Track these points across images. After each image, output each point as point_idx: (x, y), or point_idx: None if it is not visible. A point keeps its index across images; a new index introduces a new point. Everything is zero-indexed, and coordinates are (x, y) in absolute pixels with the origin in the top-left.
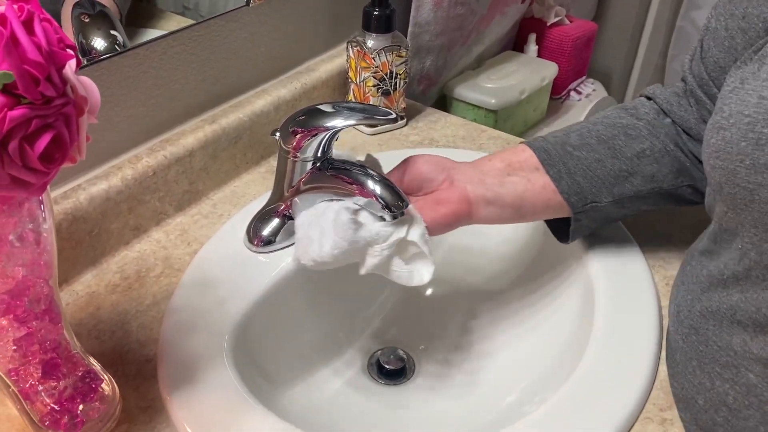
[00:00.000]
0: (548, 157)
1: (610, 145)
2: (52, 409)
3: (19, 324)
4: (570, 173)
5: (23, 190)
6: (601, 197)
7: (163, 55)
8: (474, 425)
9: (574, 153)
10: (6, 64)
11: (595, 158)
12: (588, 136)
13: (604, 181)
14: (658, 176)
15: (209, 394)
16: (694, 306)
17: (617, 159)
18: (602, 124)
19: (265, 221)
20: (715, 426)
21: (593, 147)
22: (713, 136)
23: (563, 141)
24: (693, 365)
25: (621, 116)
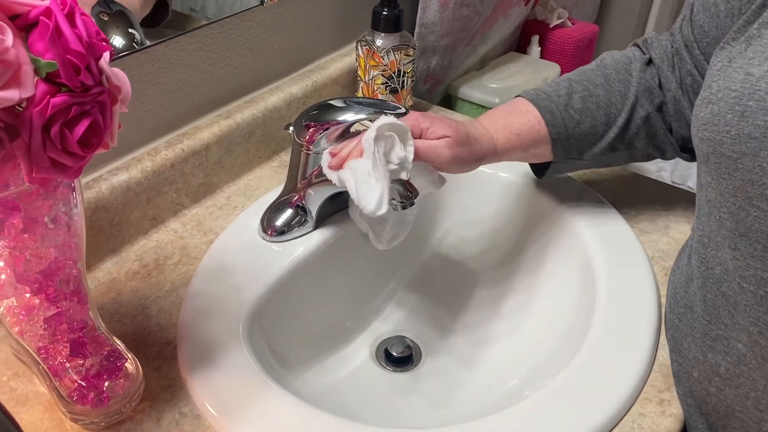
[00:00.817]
0: (552, 118)
1: (606, 112)
2: (80, 385)
3: (50, 303)
4: (568, 136)
5: (61, 172)
6: (583, 155)
7: (180, 52)
8: (479, 409)
9: (574, 116)
10: (50, 53)
11: (591, 124)
12: (589, 99)
13: (592, 144)
14: (637, 145)
15: (227, 374)
16: (689, 287)
17: (609, 128)
18: (603, 88)
19: (278, 212)
20: (708, 396)
21: (591, 112)
22: (702, 111)
23: (566, 102)
24: (688, 341)
25: (620, 76)
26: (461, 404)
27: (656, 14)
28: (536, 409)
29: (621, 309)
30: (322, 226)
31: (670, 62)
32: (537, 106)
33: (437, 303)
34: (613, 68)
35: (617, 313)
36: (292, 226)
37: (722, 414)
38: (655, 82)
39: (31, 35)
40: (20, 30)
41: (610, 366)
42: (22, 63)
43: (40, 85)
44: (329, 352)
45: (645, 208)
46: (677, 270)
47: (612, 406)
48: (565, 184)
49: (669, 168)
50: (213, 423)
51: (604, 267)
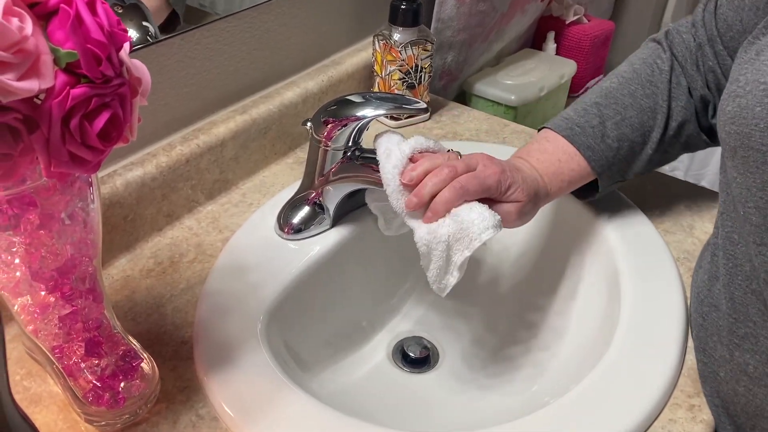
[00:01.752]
0: (593, 154)
1: (641, 132)
2: (95, 385)
3: (65, 301)
4: (609, 166)
5: (80, 166)
6: (625, 176)
7: (196, 45)
8: (499, 414)
9: (612, 145)
10: (71, 42)
11: (629, 148)
12: (623, 124)
13: (630, 164)
14: (671, 151)
15: (245, 374)
16: (713, 285)
17: (645, 145)
18: (633, 108)
19: (295, 209)
20: (736, 396)
21: (628, 136)
22: (729, 104)
23: (602, 133)
24: (714, 341)
25: (647, 91)
26: (481, 408)
27: (672, 10)
28: (562, 414)
29: (647, 312)
30: (340, 224)
31: (693, 60)
32: (575, 144)
33: (455, 303)
34: (638, 83)
35: (644, 317)
36: (309, 224)
37: (751, 414)
38: (683, 87)
39: (51, 24)
40: (39, 18)
41: (637, 370)
42: (41, 52)
43: (60, 75)
44: (346, 352)
45: (669, 208)
46: (700, 269)
47: (641, 412)
48: None
49: (683, 168)
50: (230, 425)
51: (629, 269)
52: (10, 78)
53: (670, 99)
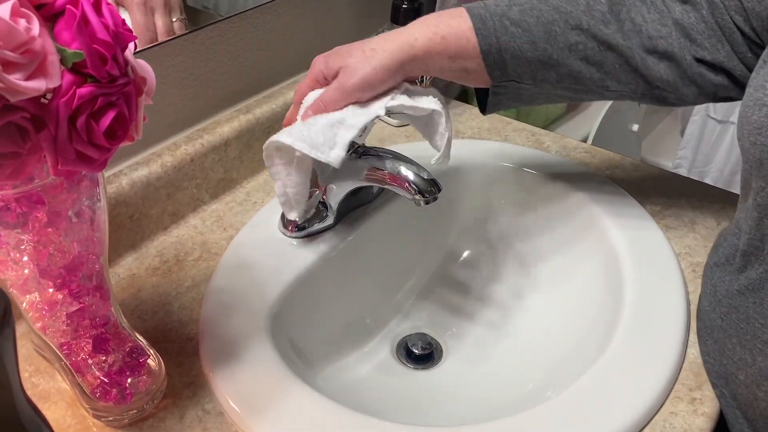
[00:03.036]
0: (483, 26)
1: (547, 30)
2: (102, 381)
3: (73, 299)
4: (500, 50)
5: (86, 165)
6: (522, 78)
7: (200, 45)
8: (502, 408)
9: (509, 28)
10: (77, 43)
11: (529, 39)
12: (529, 13)
13: (530, 63)
14: (584, 74)
15: (251, 370)
16: (732, 285)
17: (549, 45)
18: (547, 3)
19: None
20: (756, 401)
21: (530, 27)
22: (754, 113)
23: (503, 12)
24: (733, 342)
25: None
26: (484, 403)
27: None
28: (564, 408)
29: (649, 306)
30: (343, 221)
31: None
32: (470, 12)
33: (458, 299)
34: None
35: (645, 311)
36: (312, 221)
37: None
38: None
39: (57, 24)
40: (46, 19)
41: (639, 364)
42: (48, 53)
43: (66, 75)
44: (350, 348)
45: (670, 204)
46: (716, 268)
47: (642, 405)
48: (589, 179)
49: (686, 164)
50: (236, 420)
51: (630, 263)
52: (18, 78)
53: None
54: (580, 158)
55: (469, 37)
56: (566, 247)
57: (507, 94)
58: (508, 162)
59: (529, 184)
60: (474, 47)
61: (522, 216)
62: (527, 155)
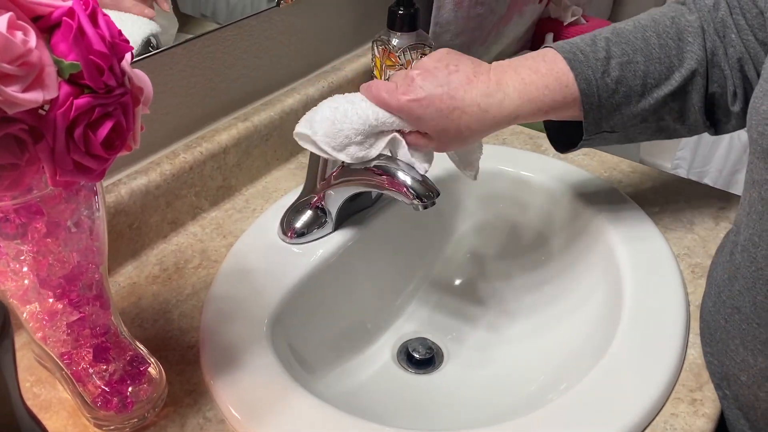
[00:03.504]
0: (587, 86)
1: (643, 83)
2: (103, 390)
3: (73, 308)
4: (600, 106)
5: (84, 175)
6: (614, 129)
7: (197, 54)
8: (504, 412)
9: (610, 85)
10: (73, 54)
11: (626, 94)
12: (628, 68)
13: (624, 118)
14: (668, 118)
15: (251, 377)
16: (734, 285)
17: (644, 98)
18: (642, 54)
19: (298, 213)
20: (757, 401)
21: (628, 82)
22: (764, 104)
23: (604, 69)
24: (736, 343)
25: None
26: (485, 406)
27: None
28: (565, 410)
29: (649, 308)
30: (342, 227)
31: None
32: (574, 70)
33: (458, 303)
34: (654, 31)
35: (645, 312)
36: (311, 227)
37: None
38: (709, 53)
39: (54, 36)
40: (43, 31)
41: (639, 366)
42: (45, 64)
43: (64, 86)
44: (351, 354)
45: (668, 205)
46: (719, 266)
47: (643, 407)
48: (587, 181)
49: (685, 165)
50: (237, 427)
51: (629, 265)
52: (16, 90)
53: (687, 59)
54: (577, 161)
55: (572, 97)
56: (565, 250)
57: (594, 141)
58: (506, 166)
59: (528, 187)
60: (576, 107)
61: (520, 218)
62: (525, 158)
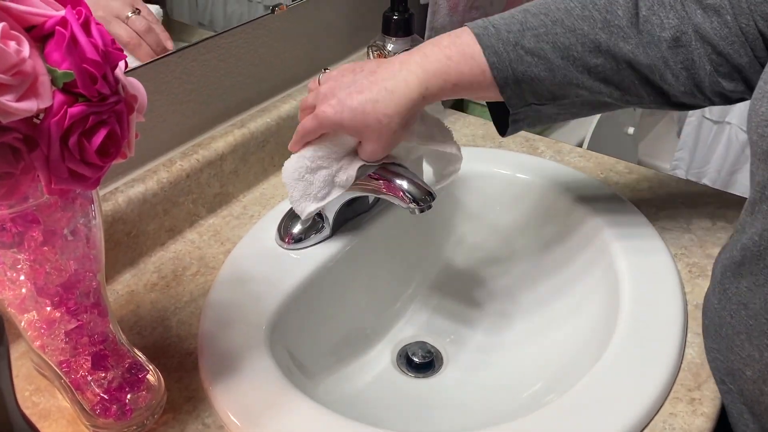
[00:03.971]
0: (498, 60)
1: (564, 54)
2: (102, 398)
3: (71, 316)
4: (516, 80)
5: (80, 183)
6: (541, 100)
7: (193, 62)
8: (503, 414)
9: (525, 58)
10: (67, 63)
11: (546, 67)
12: (544, 38)
13: (548, 88)
14: (604, 92)
15: (250, 383)
16: (740, 282)
17: (567, 70)
18: (562, 25)
19: (295, 219)
20: (762, 396)
21: (546, 54)
22: (762, 105)
23: (516, 40)
24: (741, 338)
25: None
26: (485, 409)
27: None
28: (564, 411)
29: (647, 308)
30: (340, 232)
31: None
32: (481, 44)
33: (457, 307)
34: (579, 1)
35: (643, 312)
36: (309, 233)
37: None
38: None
39: (48, 45)
40: (36, 41)
41: (638, 366)
42: (39, 74)
43: (58, 95)
44: (350, 359)
45: (665, 205)
46: (724, 264)
47: (642, 406)
48: (584, 183)
49: (684, 166)
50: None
51: (627, 265)
52: (10, 99)
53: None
54: (574, 162)
55: (484, 70)
56: (562, 251)
57: (526, 118)
58: (503, 169)
59: (525, 190)
60: (490, 81)
61: (517, 221)
62: (522, 162)
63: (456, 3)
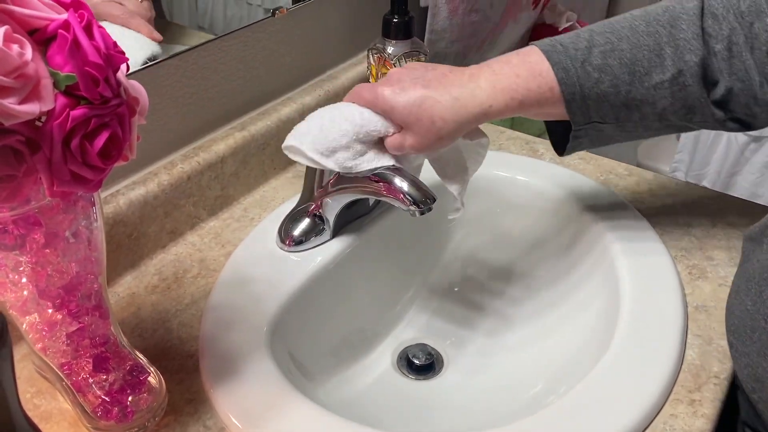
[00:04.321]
0: (566, 76)
1: (630, 71)
2: (103, 400)
3: (72, 319)
4: (583, 96)
5: (82, 185)
6: (605, 119)
7: (194, 65)
8: (504, 416)
9: (592, 74)
10: (69, 66)
11: (612, 83)
12: (611, 55)
13: (613, 106)
14: (669, 110)
15: (251, 385)
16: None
17: (633, 87)
18: (629, 41)
19: (295, 221)
20: None
21: (613, 70)
22: None
23: (584, 58)
24: None
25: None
26: (486, 411)
27: None
28: (564, 412)
29: (647, 309)
30: (340, 234)
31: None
32: (550, 60)
33: (458, 309)
34: (644, 19)
35: (643, 314)
36: (309, 235)
37: None
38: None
39: (50, 49)
40: (39, 44)
41: (638, 367)
42: (41, 77)
43: (60, 98)
44: (350, 361)
45: (665, 207)
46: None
47: (642, 408)
48: (584, 185)
49: (683, 168)
50: None
51: (627, 267)
52: (12, 102)
53: (681, 46)
54: (574, 164)
55: (552, 87)
56: (562, 254)
57: (588, 136)
58: (503, 171)
59: (525, 192)
60: (557, 98)
61: (518, 224)
62: (522, 164)
63: (456, 6)
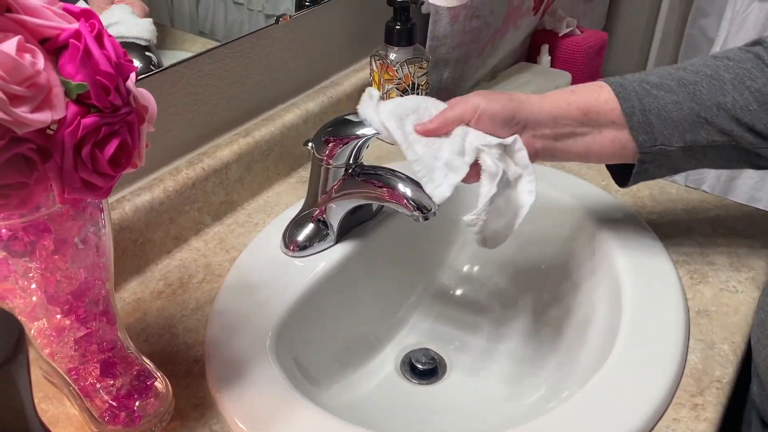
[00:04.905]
0: (623, 90)
1: (690, 90)
2: (111, 405)
3: (80, 324)
4: (644, 110)
5: (92, 192)
6: (671, 141)
7: (198, 72)
8: (506, 420)
9: (651, 91)
10: (80, 75)
11: (673, 99)
12: (668, 77)
13: (677, 124)
14: (737, 132)
15: (257, 390)
16: None
17: (696, 103)
18: (685, 70)
19: (300, 227)
20: None
21: (672, 88)
22: None
23: (641, 78)
24: None
25: (707, 64)
26: (488, 415)
27: (664, 20)
28: (567, 417)
29: (648, 314)
30: (344, 240)
31: None
32: (607, 82)
33: (461, 314)
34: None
35: (645, 319)
36: (313, 240)
37: None
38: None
39: (62, 58)
40: (50, 53)
41: (640, 372)
42: (53, 86)
43: (71, 106)
44: (354, 366)
45: (666, 212)
46: None
47: (645, 412)
48: (585, 191)
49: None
50: None
51: (629, 272)
52: (25, 110)
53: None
54: (575, 169)
55: (608, 99)
56: (564, 258)
57: (654, 162)
58: None
59: None
60: (617, 113)
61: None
62: None
63: (457, 13)
